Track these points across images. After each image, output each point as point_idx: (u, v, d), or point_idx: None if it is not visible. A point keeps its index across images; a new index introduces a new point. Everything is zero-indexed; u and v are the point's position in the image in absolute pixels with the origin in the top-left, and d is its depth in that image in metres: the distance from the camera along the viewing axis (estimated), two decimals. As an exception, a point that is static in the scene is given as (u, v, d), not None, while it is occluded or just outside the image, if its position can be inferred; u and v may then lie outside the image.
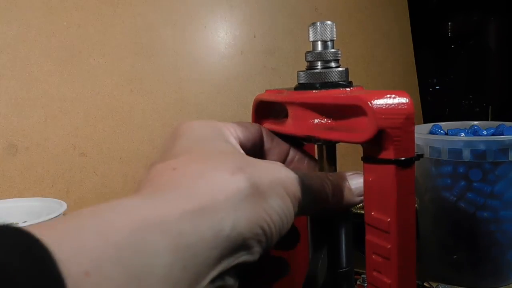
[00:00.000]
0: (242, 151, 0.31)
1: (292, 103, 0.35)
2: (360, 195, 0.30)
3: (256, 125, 0.34)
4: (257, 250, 0.24)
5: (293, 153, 0.35)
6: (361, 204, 0.31)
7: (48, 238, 0.17)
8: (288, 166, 0.29)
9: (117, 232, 0.19)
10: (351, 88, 0.33)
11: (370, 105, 0.28)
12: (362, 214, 0.31)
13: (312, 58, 0.35)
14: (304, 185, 0.27)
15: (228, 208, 0.22)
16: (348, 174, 0.31)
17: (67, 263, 0.17)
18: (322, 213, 0.30)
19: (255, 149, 0.33)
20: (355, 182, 0.30)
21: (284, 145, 0.35)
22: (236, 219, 0.22)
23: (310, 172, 0.32)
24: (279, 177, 0.26)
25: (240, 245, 0.23)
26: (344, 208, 0.30)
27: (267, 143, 0.34)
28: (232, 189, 0.23)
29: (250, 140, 0.33)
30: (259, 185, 0.24)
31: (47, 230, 0.18)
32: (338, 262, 0.36)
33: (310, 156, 0.36)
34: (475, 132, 0.71)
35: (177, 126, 0.30)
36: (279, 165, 0.27)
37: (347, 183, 0.30)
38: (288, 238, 0.28)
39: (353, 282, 0.38)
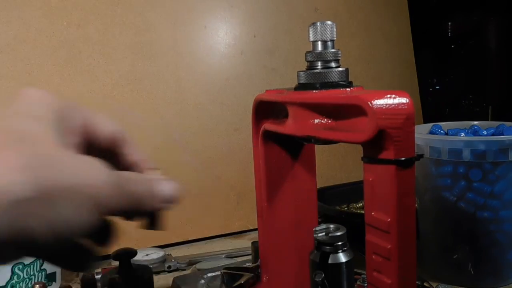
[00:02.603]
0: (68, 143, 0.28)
1: (292, 103, 0.35)
2: (164, 202, 0.29)
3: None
4: (10, 255, 0.22)
5: None
6: (361, 204, 0.31)
7: None
8: None
9: None
10: (351, 88, 0.33)
11: (370, 105, 0.28)
12: (362, 214, 0.31)
13: (312, 58, 0.35)
14: (119, 188, 0.25)
15: None
16: (156, 178, 0.29)
17: None
18: (125, 213, 0.27)
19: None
20: (164, 189, 0.29)
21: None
22: None
23: (128, 172, 0.30)
24: (83, 182, 0.22)
25: None
26: (146, 211, 0.28)
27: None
28: (7, 188, 0.20)
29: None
30: (49, 189, 0.21)
31: None
32: None
33: None
34: (475, 132, 0.71)
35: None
36: (90, 164, 0.24)
37: (156, 187, 0.28)
38: (96, 235, 0.26)
39: None
